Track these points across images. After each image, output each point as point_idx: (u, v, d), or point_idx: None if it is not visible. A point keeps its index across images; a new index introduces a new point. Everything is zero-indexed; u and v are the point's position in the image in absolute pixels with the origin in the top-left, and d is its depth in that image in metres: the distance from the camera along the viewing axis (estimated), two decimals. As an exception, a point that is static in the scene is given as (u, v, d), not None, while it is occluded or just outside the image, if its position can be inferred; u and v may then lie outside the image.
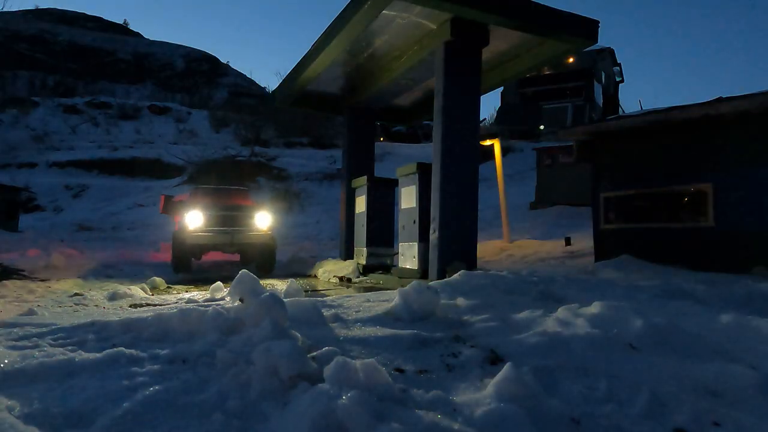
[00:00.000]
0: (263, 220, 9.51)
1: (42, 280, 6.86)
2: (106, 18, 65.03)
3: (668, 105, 8.22)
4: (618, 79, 36.12)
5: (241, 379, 2.26)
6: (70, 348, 3.00)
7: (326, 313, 3.65)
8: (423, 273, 7.36)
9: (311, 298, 3.70)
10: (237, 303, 3.32)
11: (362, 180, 9.56)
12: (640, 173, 8.07)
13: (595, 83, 31.32)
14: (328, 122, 34.75)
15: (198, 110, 43.50)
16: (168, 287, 6.96)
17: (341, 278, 8.19)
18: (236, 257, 11.78)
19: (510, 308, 4.11)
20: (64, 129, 37.42)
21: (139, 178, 29.70)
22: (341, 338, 3.06)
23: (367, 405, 1.91)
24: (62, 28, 58.01)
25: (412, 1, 6.27)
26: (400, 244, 8.44)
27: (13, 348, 2.97)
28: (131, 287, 6.08)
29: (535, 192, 17.65)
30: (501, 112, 32.14)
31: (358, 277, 8.42)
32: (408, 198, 8.18)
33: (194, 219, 8.99)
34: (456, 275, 5.23)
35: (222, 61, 61.65)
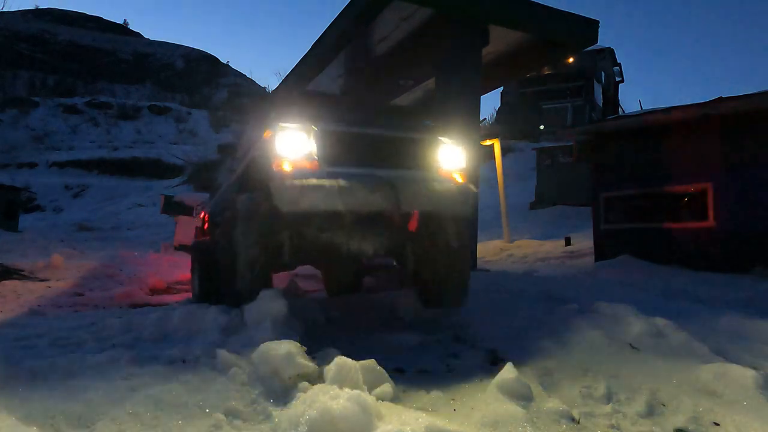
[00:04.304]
0: (454, 156, 3.69)
1: (42, 280, 6.85)
2: (105, 18, 64.96)
3: (668, 105, 8.23)
4: (618, 79, 36.05)
5: (241, 379, 2.26)
6: (70, 348, 3.00)
7: (327, 312, 3.65)
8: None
9: (312, 298, 3.70)
10: (237, 303, 3.31)
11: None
12: (640, 173, 8.07)
13: (595, 83, 31.29)
14: (328, 122, 34.69)
15: (198, 110, 43.48)
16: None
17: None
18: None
19: (510, 308, 4.12)
20: (64, 129, 37.41)
21: (139, 178, 29.72)
22: (342, 338, 3.06)
23: (367, 405, 1.91)
24: (62, 28, 58.01)
25: (411, 1, 6.28)
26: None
27: (14, 348, 2.97)
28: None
29: (535, 192, 17.65)
30: (501, 112, 32.10)
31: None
32: (408, 198, 8.14)
33: (293, 141, 3.16)
34: (456, 275, 5.21)
35: (222, 61, 61.59)
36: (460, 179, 3.54)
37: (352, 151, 3.26)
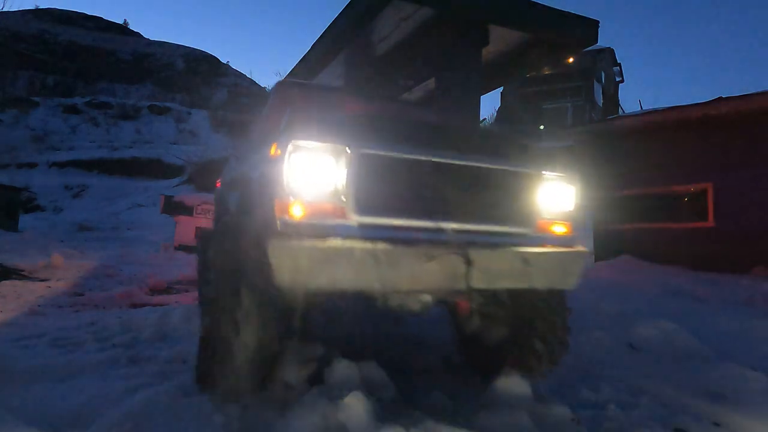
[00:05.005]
0: (561, 199, 2.44)
1: (42, 280, 6.85)
2: (106, 18, 64.89)
3: (668, 105, 8.23)
4: (618, 79, 36.11)
5: (241, 380, 2.25)
6: (70, 348, 3.00)
7: (328, 313, 3.64)
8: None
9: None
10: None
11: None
12: (640, 173, 8.07)
13: (595, 83, 31.34)
14: (328, 122, 34.69)
15: (198, 110, 43.52)
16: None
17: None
18: None
19: (510, 308, 4.11)
20: (64, 129, 37.41)
21: (139, 178, 29.70)
22: (342, 338, 3.05)
23: (368, 406, 1.91)
24: (62, 28, 57.97)
25: (411, 0, 6.27)
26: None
27: (14, 348, 2.97)
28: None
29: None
30: (501, 112, 32.13)
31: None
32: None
33: (312, 170, 1.98)
34: (456, 275, 5.17)
35: (222, 61, 61.55)
36: (566, 232, 2.41)
37: (406, 190, 2.07)
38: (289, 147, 1.90)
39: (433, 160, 2.08)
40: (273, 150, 2.02)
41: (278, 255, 1.79)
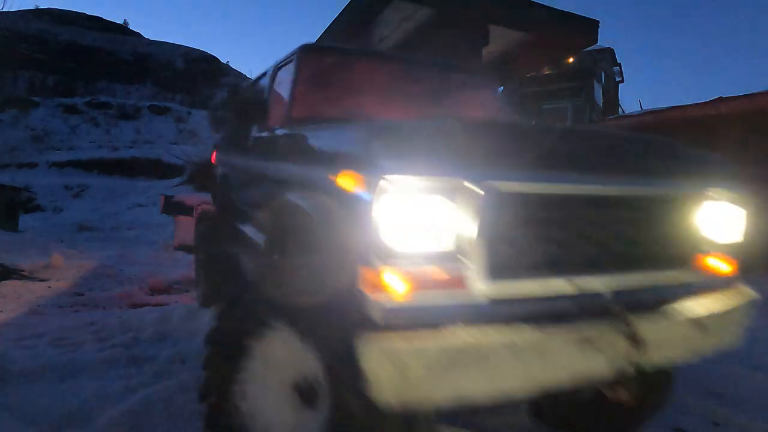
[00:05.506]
0: (728, 229, 1.83)
1: (42, 280, 6.85)
2: (106, 18, 65.03)
3: (668, 105, 8.24)
4: (618, 79, 36.09)
5: (241, 380, 2.25)
6: (70, 348, 3.00)
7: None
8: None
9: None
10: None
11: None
12: (640, 173, 8.08)
13: (595, 83, 31.34)
14: (328, 122, 34.68)
15: (198, 110, 43.56)
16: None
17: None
18: None
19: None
20: (64, 129, 37.40)
21: (139, 178, 29.69)
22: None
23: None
24: (62, 28, 58.02)
25: (411, 0, 6.29)
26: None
27: (14, 348, 2.97)
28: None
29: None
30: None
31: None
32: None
33: (417, 222, 1.23)
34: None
35: (222, 61, 61.66)
36: (732, 271, 1.88)
37: (551, 239, 1.42)
38: (381, 184, 1.20)
39: (591, 192, 1.45)
40: (349, 182, 1.33)
41: (376, 361, 1.16)
